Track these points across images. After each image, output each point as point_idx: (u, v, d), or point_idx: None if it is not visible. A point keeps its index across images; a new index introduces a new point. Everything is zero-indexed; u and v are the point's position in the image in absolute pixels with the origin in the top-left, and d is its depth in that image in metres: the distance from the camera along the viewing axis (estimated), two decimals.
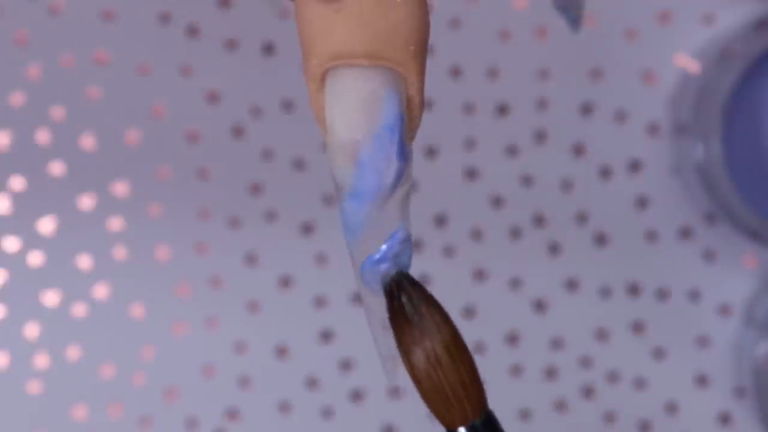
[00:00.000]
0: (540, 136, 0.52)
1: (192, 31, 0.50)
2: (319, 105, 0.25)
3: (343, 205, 0.25)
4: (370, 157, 0.24)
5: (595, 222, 0.52)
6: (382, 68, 0.24)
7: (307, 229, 0.51)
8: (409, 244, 0.25)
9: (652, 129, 0.52)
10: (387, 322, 0.26)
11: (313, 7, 0.24)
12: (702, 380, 0.52)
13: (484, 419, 0.26)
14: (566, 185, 0.52)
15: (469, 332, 0.51)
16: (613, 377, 0.52)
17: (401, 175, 0.24)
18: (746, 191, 0.49)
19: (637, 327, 0.52)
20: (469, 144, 0.51)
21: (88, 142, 0.50)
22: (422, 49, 0.24)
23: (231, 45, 0.51)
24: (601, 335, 0.52)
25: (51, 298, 0.50)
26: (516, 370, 0.51)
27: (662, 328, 0.52)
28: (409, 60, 0.24)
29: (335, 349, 0.52)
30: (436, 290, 0.53)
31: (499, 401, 0.50)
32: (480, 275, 0.52)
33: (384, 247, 0.25)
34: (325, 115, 0.24)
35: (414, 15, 0.24)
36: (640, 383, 0.52)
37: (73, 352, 0.50)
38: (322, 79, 0.24)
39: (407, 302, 0.25)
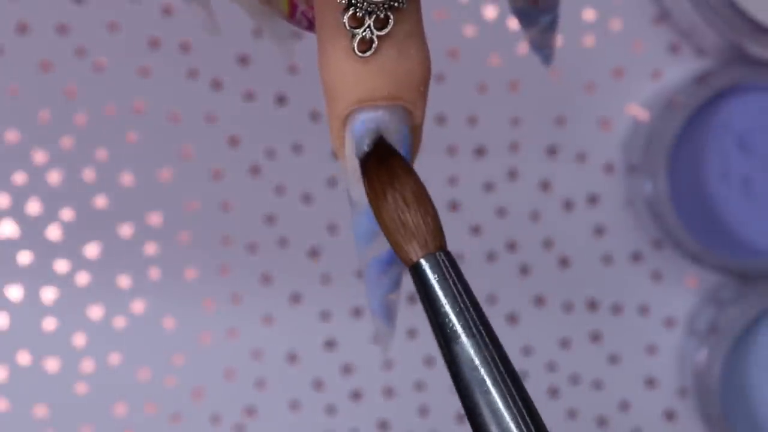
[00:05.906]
0: (512, 174, 0.53)
1: (216, 85, 0.52)
2: (341, 140, 0.26)
3: (357, 218, 0.26)
4: None
5: (559, 247, 0.53)
6: (398, 106, 0.26)
7: (313, 253, 0.52)
8: (399, 266, 0.26)
9: (608, 168, 0.53)
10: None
11: (342, 59, 0.25)
12: (650, 382, 0.53)
13: (444, 253, 0.25)
14: (535, 216, 0.53)
15: None
16: (574, 380, 0.53)
17: None
18: (688, 221, 0.50)
19: (595, 337, 0.53)
20: (452, 180, 0.53)
21: (127, 179, 0.52)
22: (426, 90, 0.26)
23: (249, 96, 0.52)
24: (564, 344, 0.53)
25: (96, 312, 0.52)
26: None
27: (616, 338, 0.53)
28: (418, 99, 0.26)
29: (338, 355, 0.52)
30: None
31: None
32: None
33: (385, 252, 0.26)
34: (346, 146, 0.26)
35: (422, 63, 0.26)
36: (597, 385, 0.53)
37: (114, 358, 0.52)
38: (346, 117, 0.26)
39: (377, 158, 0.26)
